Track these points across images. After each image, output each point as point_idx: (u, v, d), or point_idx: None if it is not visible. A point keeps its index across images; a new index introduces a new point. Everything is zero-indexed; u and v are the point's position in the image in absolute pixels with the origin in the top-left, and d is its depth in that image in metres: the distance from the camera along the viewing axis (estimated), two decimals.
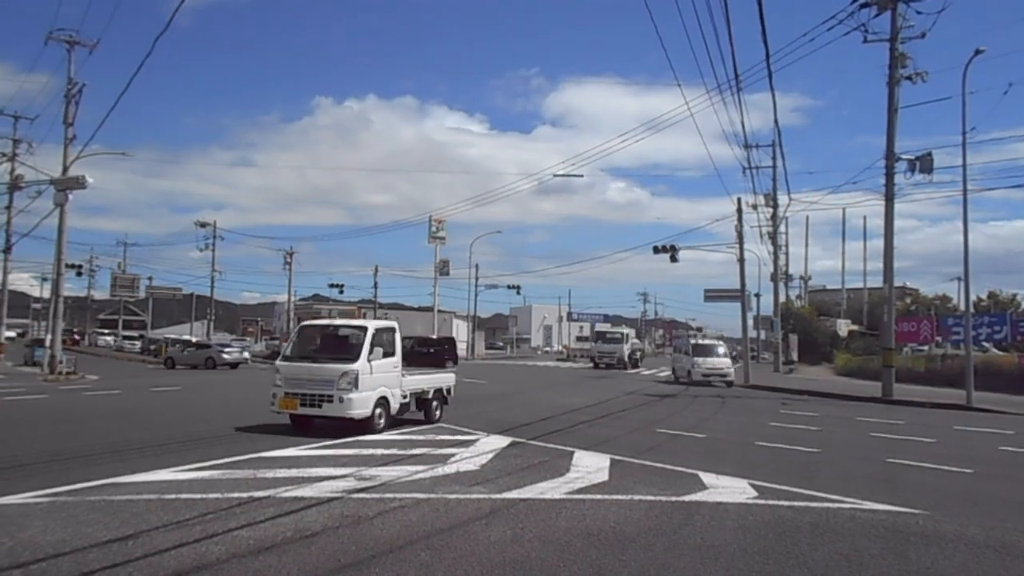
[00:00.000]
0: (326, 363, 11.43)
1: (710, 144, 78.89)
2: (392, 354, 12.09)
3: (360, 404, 11.10)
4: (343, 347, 11.83)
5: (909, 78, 23.01)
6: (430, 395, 13.27)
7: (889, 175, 23.28)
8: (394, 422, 12.09)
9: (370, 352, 11.34)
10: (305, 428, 11.47)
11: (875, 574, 4.93)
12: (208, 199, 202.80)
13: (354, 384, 11.01)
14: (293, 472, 7.84)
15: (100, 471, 7.63)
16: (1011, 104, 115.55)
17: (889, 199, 23.52)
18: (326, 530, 5.60)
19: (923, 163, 22.75)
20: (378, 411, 11.53)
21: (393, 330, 12.52)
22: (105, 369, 33.43)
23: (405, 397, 12.44)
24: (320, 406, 11.07)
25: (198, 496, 6.58)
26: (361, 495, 6.84)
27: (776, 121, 33.45)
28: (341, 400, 10.91)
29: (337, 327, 13.20)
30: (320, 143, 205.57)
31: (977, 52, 21.07)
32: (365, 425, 11.23)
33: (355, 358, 11.22)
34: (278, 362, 12.11)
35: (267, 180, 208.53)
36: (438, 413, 13.51)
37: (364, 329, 11.86)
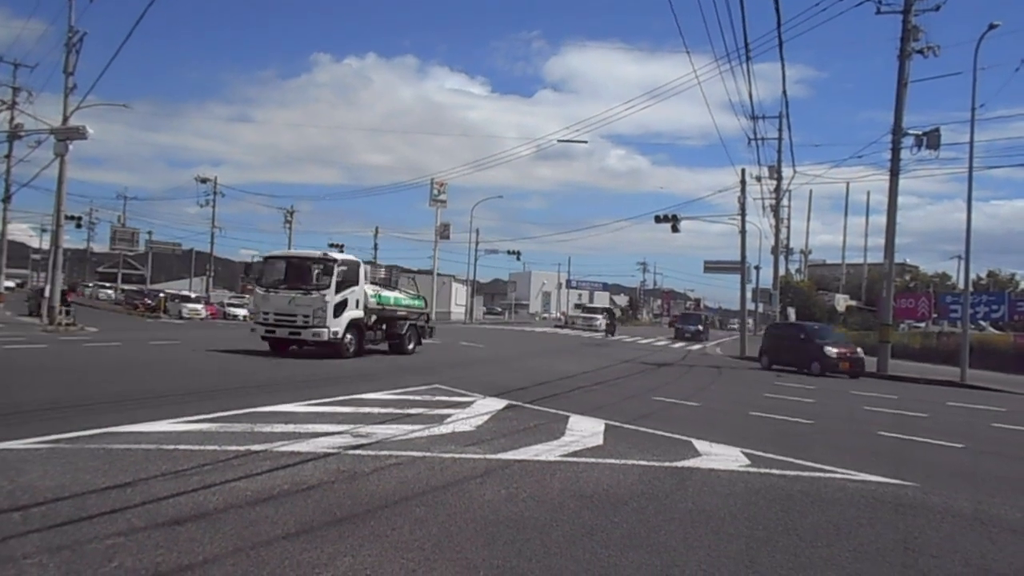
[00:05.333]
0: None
1: (713, 113, 77.86)
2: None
3: None
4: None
5: (920, 52, 22.72)
6: None
7: (895, 150, 23.12)
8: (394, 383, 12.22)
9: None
10: None
11: (863, 542, 5.00)
12: (206, 155, 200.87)
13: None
14: (290, 427, 7.90)
15: (99, 420, 7.67)
16: (1020, 81, 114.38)
17: (894, 174, 23.39)
18: (322, 484, 5.66)
19: (930, 139, 22.59)
20: None
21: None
22: (104, 321, 33.52)
23: None
24: None
25: (196, 447, 6.63)
26: (357, 451, 6.91)
27: (784, 92, 33.27)
28: None
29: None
30: (319, 101, 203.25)
31: (991, 27, 20.78)
32: None
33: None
34: None
35: (265, 137, 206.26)
36: None
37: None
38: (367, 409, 9.63)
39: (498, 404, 10.82)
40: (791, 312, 52.55)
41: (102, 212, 71.74)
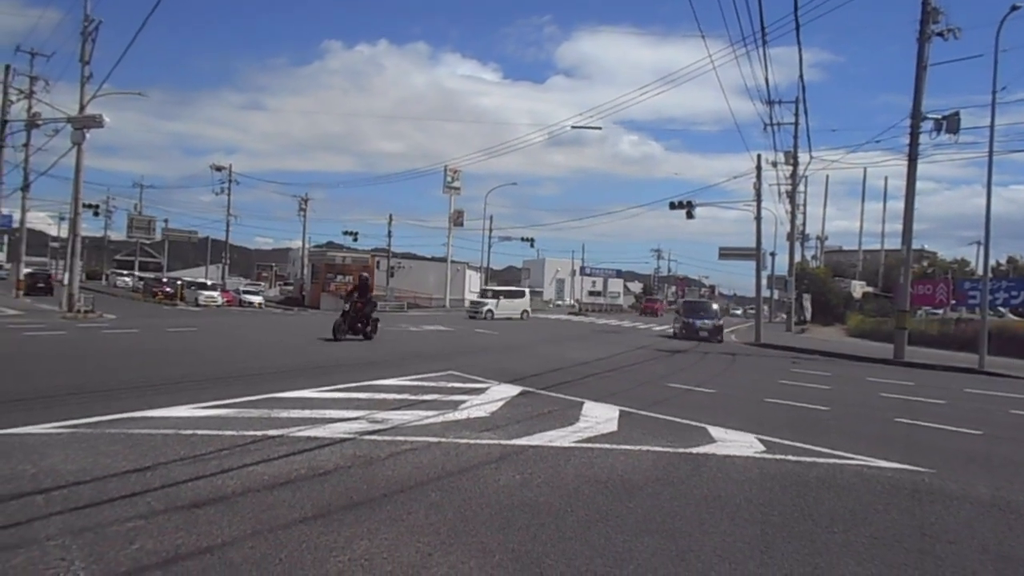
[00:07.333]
0: None
1: (728, 98, 77.14)
2: None
3: None
4: None
5: (940, 34, 22.33)
6: None
7: (914, 134, 22.80)
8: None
9: None
10: None
11: (880, 528, 4.98)
12: (219, 142, 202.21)
13: None
14: (306, 413, 7.97)
15: (119, 405, 7.79)
16: None
17: (912, 159, 23.08)
18: (339, 469, 5.71)
19: (950, 123, 22.25)
20: None
21: None
22: (123, 309, 33.85)
23: None
24: None
25: (214, 432, 6.71)
26: (373, 437, 6.96)
27: (801, 76, 32.79)
28: None
29: None
30: (330, 88, 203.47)
31: (1014, 8, 20.40)
32: None
33: None
34: None
35: (278, 125, 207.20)
36: None
37: None
38: (382, 395, 9.69)
39: (512, 390, 10.85)
40: (807, 299, 52.26)
41: (119, 200, 72.67)
